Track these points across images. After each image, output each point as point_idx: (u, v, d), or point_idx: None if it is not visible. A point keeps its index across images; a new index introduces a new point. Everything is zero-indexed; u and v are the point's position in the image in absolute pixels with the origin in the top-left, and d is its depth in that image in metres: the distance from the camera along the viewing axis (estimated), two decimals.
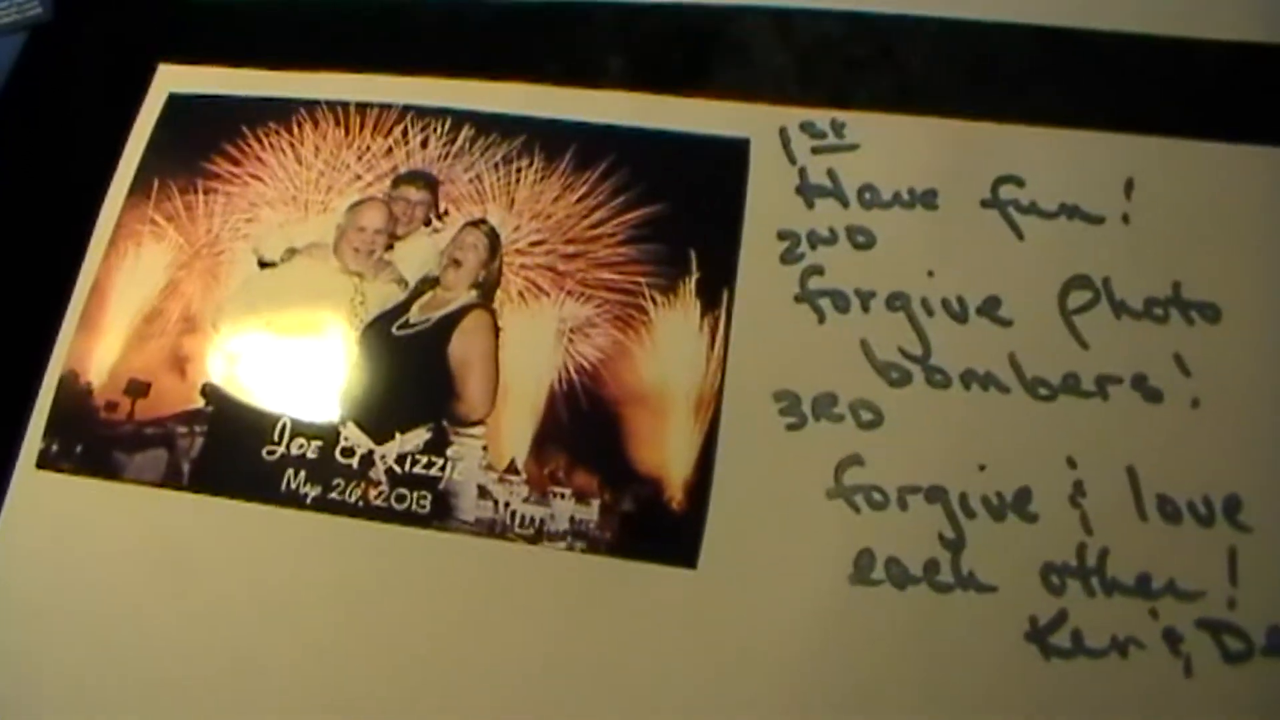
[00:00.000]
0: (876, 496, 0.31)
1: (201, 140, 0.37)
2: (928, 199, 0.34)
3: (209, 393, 0.34)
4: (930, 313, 0.33)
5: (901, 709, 0.30)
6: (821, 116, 0.35)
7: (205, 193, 0.37)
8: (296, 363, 0.34)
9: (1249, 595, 0.31)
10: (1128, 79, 0.36)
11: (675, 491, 0.31)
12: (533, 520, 0.31)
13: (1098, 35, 0.36)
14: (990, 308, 0.33)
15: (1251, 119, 0.36)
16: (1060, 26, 0.36)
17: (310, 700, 0.31)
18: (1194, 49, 0.36)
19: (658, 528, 0.31)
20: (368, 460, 0.32)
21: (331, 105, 0.37)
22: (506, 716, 0.30)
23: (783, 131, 0.35)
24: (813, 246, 0.34)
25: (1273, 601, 0.31)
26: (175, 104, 0.38)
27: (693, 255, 0.34)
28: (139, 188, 0.37)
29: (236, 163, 0.37)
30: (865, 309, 0.33)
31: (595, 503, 0.31)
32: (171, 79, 0.39)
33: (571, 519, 0.31)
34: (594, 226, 0.34)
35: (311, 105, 0.37)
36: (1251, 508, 0.31)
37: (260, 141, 0.37)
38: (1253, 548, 0.31)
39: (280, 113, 0.37)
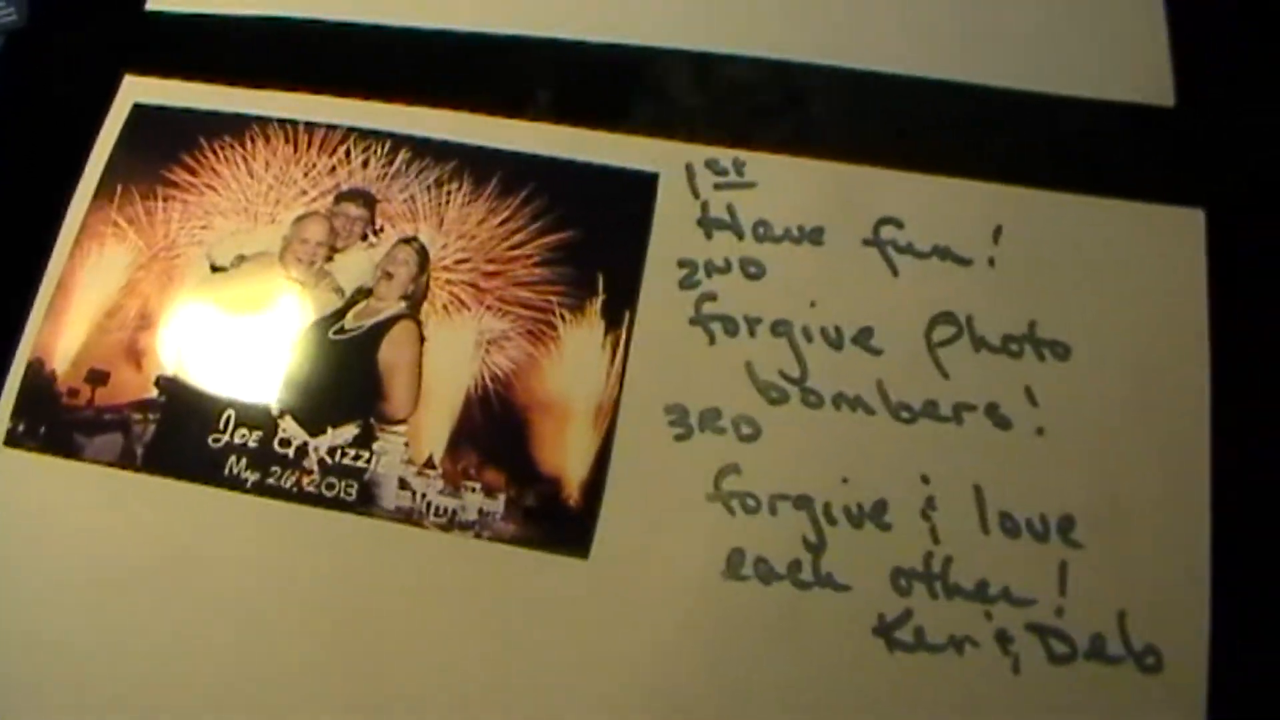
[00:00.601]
0: (750, 502, 0.35)
1: (162, 149, 0.41)
2: (815, 235, 0.38)
3: (162, 384, 0.37)
4: (809, 339, 0.37)
5: (764, 690, 0.34)
6: (725, 155, 0.39)
7: (164, 199, 0.40)
8: (241, 360, 0.38)
9: (1075, 605, 0.35)
10: (1001, 132, 0.40)
11: (573, 490, 0.35)
12: (446, 510, 0.35)
13: (977, 89, 0.40)
14: (864, 338, 0.37)
15: (1110, 174, 0.39)
16: (945, 80, 0.40)
17: (243, 665, 0.35)
18: (1061, 106, 0.40)
19: (556, 522, 0.35)
20: (302, 451, 0.36)
21: (283, 123, 0.40)
22: (416, 684, 0.34)
23: (689, 167, 0.39)
24: (708, 274, 0.38)
25: (1096, 612, 0.35)
26: (139, 113, 0.42)
27: (600, 278, 0.38)
28: (103, 191, 0.40)
29: (194, 172, 0.40)
30: (752, 333, 0.37)
31: (502, 497, 0.35)
32: (137, 89, 0.42)
33: (480, 511, 0.35)
34: (513, 248, 0.38)
35: (264, 121, 0.41)
36: (1083, 527, 0.36)
37: (216, 154, 0.40)
38: (1082, 563, 0.36)
39: (236, 127, 0.40)
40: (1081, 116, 0.40)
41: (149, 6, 0.44)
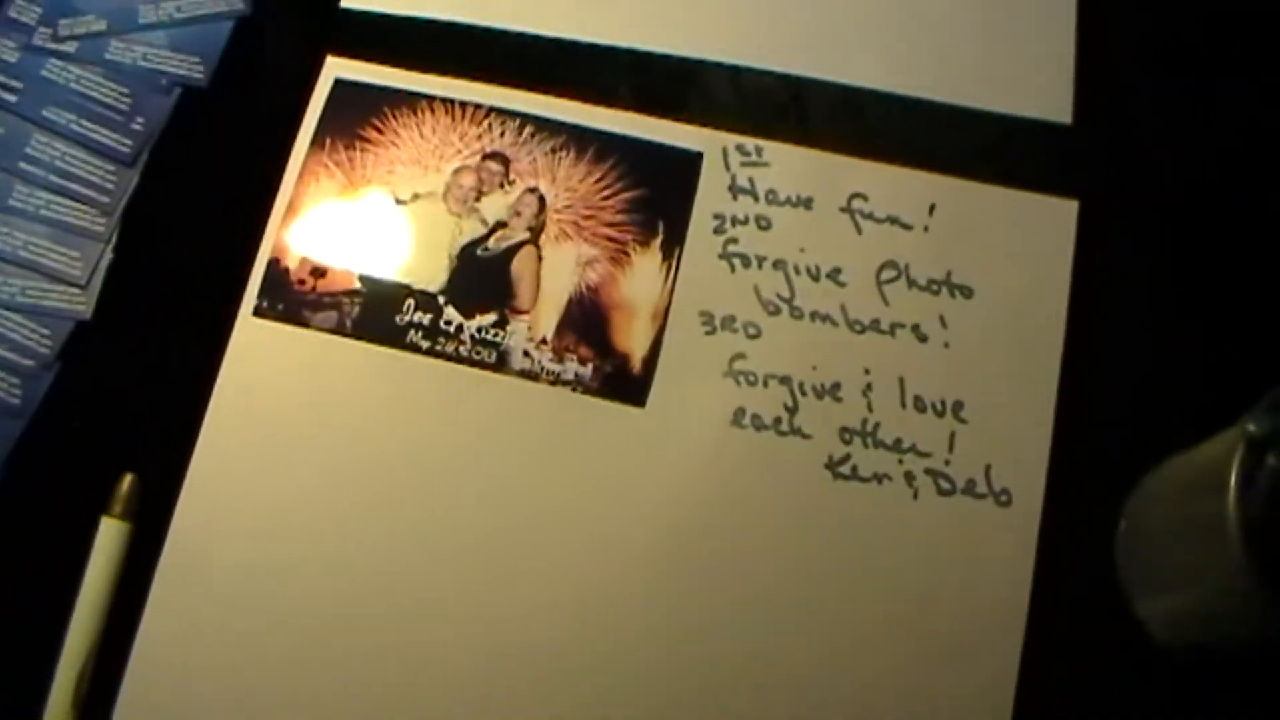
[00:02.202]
0: (751, 378, 0.54)
1: (357, 113, 0.59)
2: (807, 203, 0.57)
3: (363, 278, 0.56)
4: (798, 273, 0.56)
5: (752, 499, 0.53)
6: (749, 142, 0.58)
7: (360, 150, 0.58)
8: (419, 266, 0.57)
9: (958, 459, 0.53)
10: (939, 135, 0.58)
11: (636, 363, 0.55)
12: (553, 372, 0.55)
13: (924, 102, 0.58)
14: (834, 274, 0.56)
15: (1014, 171, 0.57)
16: (901, 94, 0.58)
17: (411, 471, 0.55)
18: (985, 117, 0.58)
19: (624, 383, 0.54)
20: (459, 329, 0.55)
21: (445, 100, 0.59)
22: (529, 488, 0.54)
23: (724, 150, 0.58)
24: (733, 225, 0.56)
25: (971, 464, 0.53)
26: (339, 86, 0.60)
27: (660, 223, 0.57)
28: (316, 141, 0.59)
29: (380, 132, 0.59)
30: (759, 267, 0.56)
31: (590, 365, 0.55)
32: (336, 68, 0.60)
33: (575, 374, 0.55)
34: (603, 199, 0.57)
35: (431, 99, 0.59)
36: (968, 410, 0.54)
37: (396, 119, 0.59)
38: (965, 432, 0.53)
39: (411, 101, 0.59)
40: (999, 126, 0.58)
41: (343, 4, 0.62)
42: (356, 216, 0.58)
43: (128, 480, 0.54)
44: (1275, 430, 0.42)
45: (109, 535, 0.54)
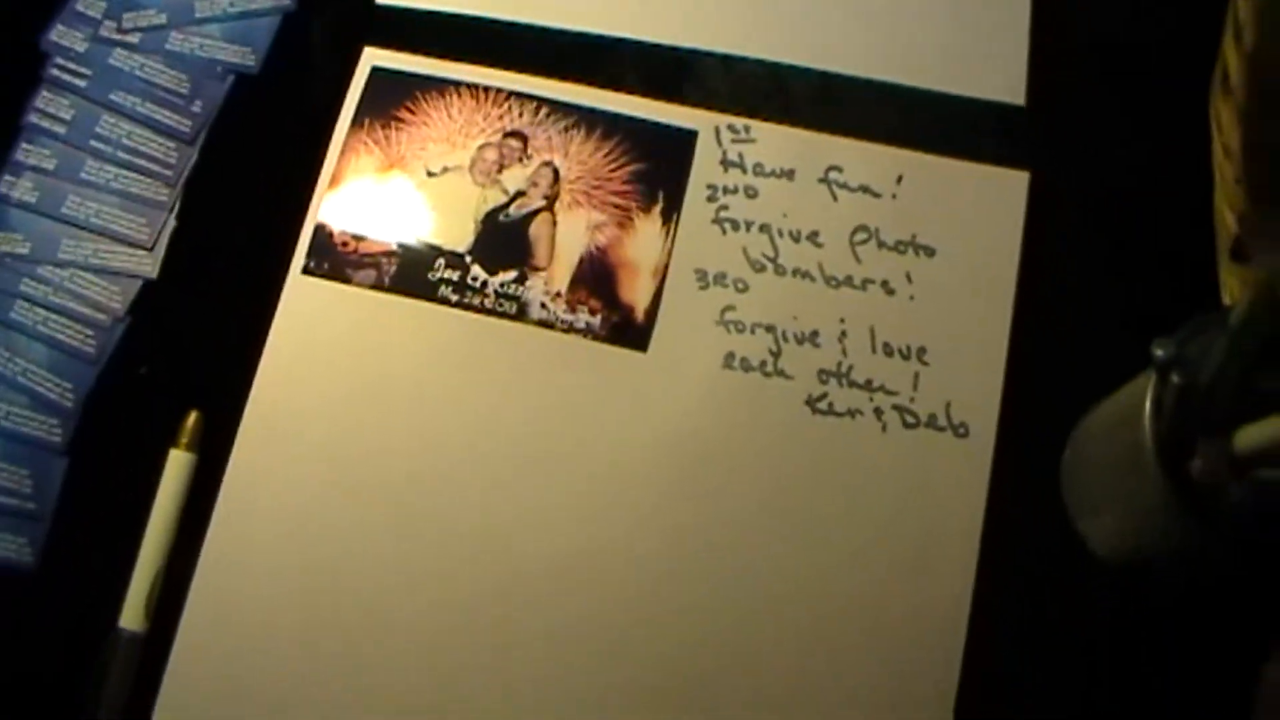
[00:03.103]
0: (740, 326, 0.63)
1: (392, 97, 0.68)
2: (789, 174, 0.65)
3: (398, 242, 0.65)
4: (781, 236, 0.65)
5: (744, 431, 0.61)
6: (739, 121, 0.66)
7: (395, 129, 0.67)
8: (448, 230, 0.65)
9: (922, 397, 0.61)
10: (907, 114, 0.66)
11: (640, 314, 0.63)
12: (567, 322, 0.63)
13: (892, 85, 0.67)
14: (813, 236, 0.65)
15: (973, 146, 0.65)
16: (873, 78, 0.67)
17: (441, 407, 0.64)
18: (946, 99, 0.66)
19: (629, 331, 0.63)
20: (485, 284, 0.64)
21: (470, 85, 0.68)
22: (547, 418, 0.63)
23: (716, 129, 0.66)
24: (724, 194, 0.65)
25: (933, 401, 0.61)
26: (376, 73, 0.68)
27: (660, 193, 0.65)
28: (356, 122, 0.67)
29: (413, 113, 0.68)
30: (747, 230, 0.64)
31: (599, 315, 0.63)
32: (373, 57, 0.69)
33: (586, 323, 0.63)
34: (611, 171, 0.66)
35: (458, 84, 0.68)
36: (930, 354, 0.62)
37: (427, 102, 0.68)
38: (928, 373, 0.62)
39: (440, 86, 0.68)
40: (960, 107, 0.66)
41: (379, 0, 0.72)
42: (392, 187, 0.67)
43: (193, 416, 0.63)
44: (1178, 353, 0.51)
45: (176, 464, 0.63)
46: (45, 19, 0.72)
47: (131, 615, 0.61)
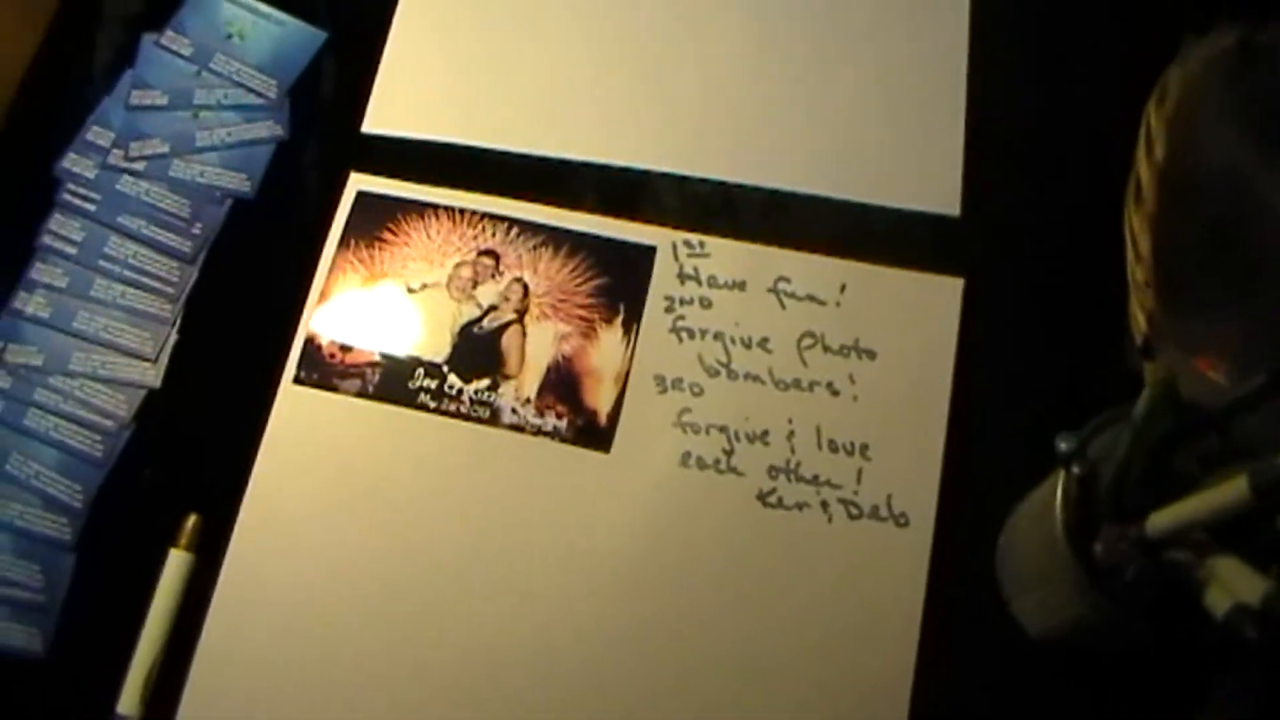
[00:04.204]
0: (695, 427, 0.69)
1: (376, 219, 0.76)
2: (741, 285, 0.72)
3: (382, 353, 0.72)
4: (734, 343, 0.71)
5: (698, 525, 0.68)
6: (694, 238, 0.74)
7: (378, 249, 0.75)
8: (427, 341, 0.72)
9: (865, 490, 0.68)
10: (849, 228, 0.74)
11: (603, 417, 0.70)
12: (536, 425, 0.70)
13: (836, 201, 0.74)
14: (763, 343, 0.71)
15: (911, 255, 0.72)
16: (818, 194, 0.75)
17: (425, 505, 0.70)
18: (887, 212, 0.74)
19: (593, 434, 0.70)
20: (460, 392, 0.71)
21: (447, 208, 0.75)
22: (516, 515, 0.70)
23: (674, 245, 0.74)
24: (681, 305, 0.72)
25: (875, 493, 0.67)
26: (361, 197, 0.76)
27: (622, 305, 0.73)
28: (343, 242, 0.75)
29: (395, 234, 0.76)
30: (702, 338, 0.71)
31: (566, 419, 0.70)
32: (358, 182, 0.77)
33: (554, 426, 0.70)
34: (576, 285, 0.73)
35: (436, 207, 0.76)
36: (874, 450, 0.69)
37: (408, 223, 0.76)
38: (870, 468, 0.68)
39: (419, 208, 0.76)
40: (899, 219, 0.74)
41: (364, 129, 0.79)
42: (376, 302, 0.75)
43: (192, 519, 0.70)
44: (1078, 447, 0.58)
45: (175, 563, 0.70)
46: (59, 147, 0.80)
47: (129, 702, 0.67)
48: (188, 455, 0.74)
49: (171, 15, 0.83)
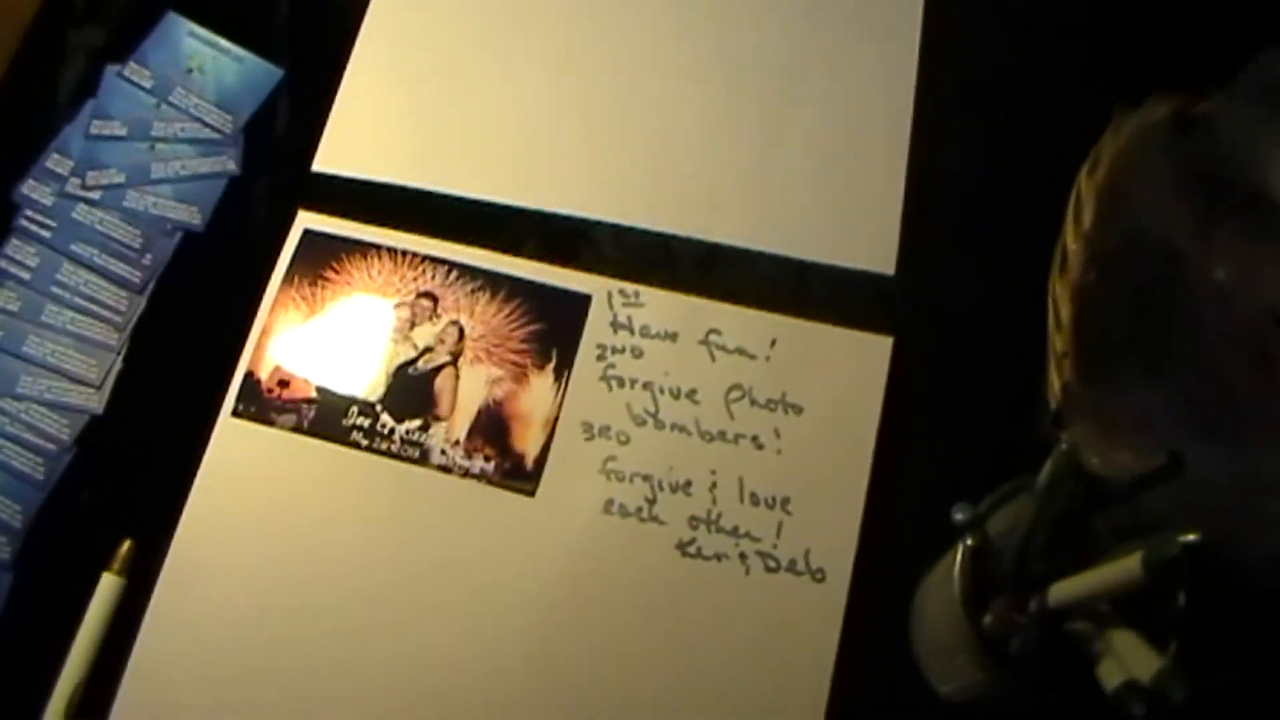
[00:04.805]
0: (620, 475, 0.72)
1: (321, 257, 0.78)
2: (672, 336, 0.75)
3: (318, 389, 0.75)
4: (662, 393, 0.74)
5: (619, 571, 0.70)
6: (629, 287, 0.76)
7: (321, 286, 0.78)
8: (361, 379, 0.75)
9: (784, 543, 0.70)
10: (781, 282, 0.76)
11: (530, 461, 0.73)
12: (464, 467, 0.73)
13: (768, 255, 0.77)
14: (691, 394, 0.74)
15: (843, 311, 0.75)
16: (749, 248, 0.77)
17: (352, 539, 0.73)
18: (820, 268, 0.76)
19: (521, 476, 0.72)
20: (392, 431, 0.74)
21: (390, 249, 0.78)
22: (441, 553, 0.73)
23: (609, 293, 0.76)
24: (612, 353, 0.75)
25: (794, 547, 0.70)
26: (307, 235, 0.79)
27: (554, 351, 0.75)
28: (288, 278, 0.78)
29: (338, 272, 0.78)
30: (632, 387, 0.74)
31: (494, 462, 0.73)
32: (305, 220, 0.80)
33: (481, 468, 0.73)
34: (511, 330, 0.76)
35: (378, 247, 0.78)
36: (795, 505, 0.71)
37: (351, 263, 0.78)
38: (790, 522, 0.70)
39: (362, 249, 0.78)
40: (834, 276, 0.76)
41: (315, 168, 0.82)
42: (315, 339, 0.78)
43: (126, 545, 0.73)
44: (972, 519, 0.60)
45: (107, 586, 0.72)
46: (20, 173, 0.83)
47: (53, 717, 0.70)
48: (126, 481, 0.77)
49: (135, 47, 0.86)
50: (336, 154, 0.83)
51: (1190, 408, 0.70)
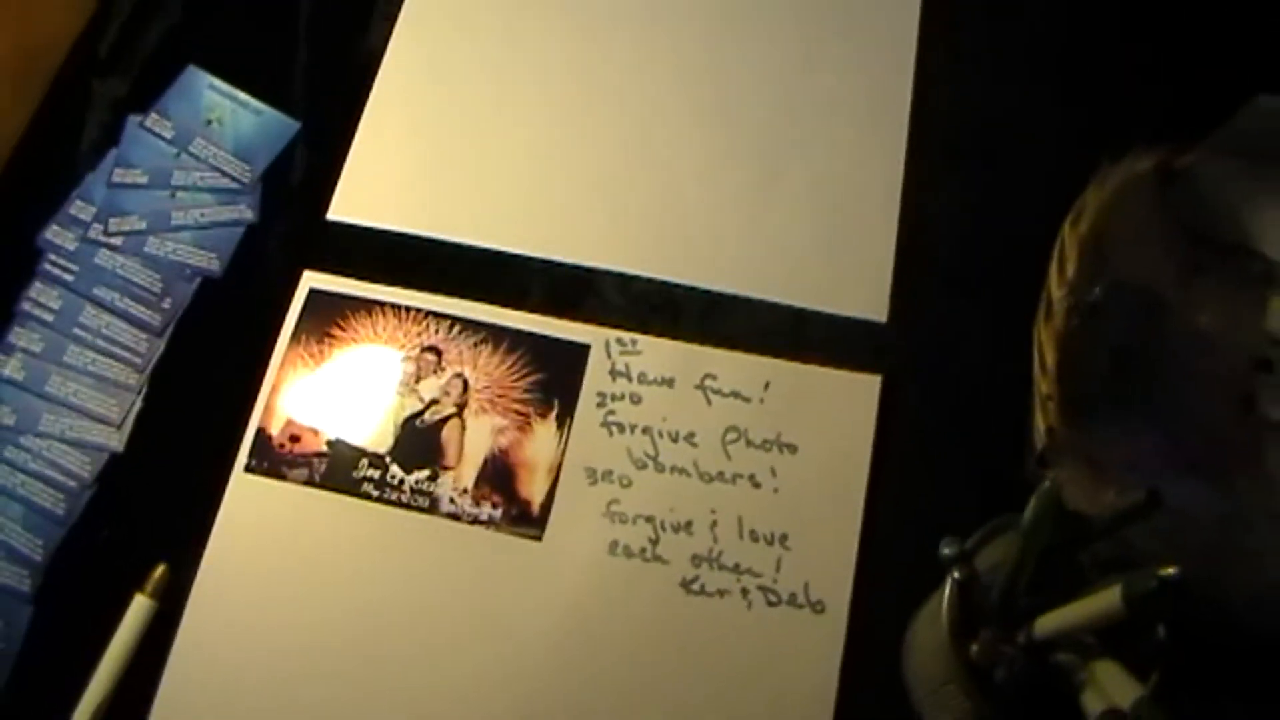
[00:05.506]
0: (623, 517, 0.75)
1: (326, 315, 0.82)
2: (670, 381, 0.79)
3: (329, 444, 0.79)
4: (661, 436, 0.78)
5: (625, 607, 0.74)
6: (626, 336, 0.80)
7: (328, 344, 0.81)
8: (371, 433, 0.79)
9: (783, 577, 0.74)
10: (775, 329, 0.80)
11: (536, 506, 0.76)
12: (472, 514, 0.76)
13: (764, 302, 0.81)
14: (690, 437, 0.78)
15: (835, 354, 0.79)
16: (747, 296, 0.81)
17: (362, 588, 0.77)
18: (815, 315, 0.80)
19: (527, 521, 0.76)
20: (402, 481, 0.77)
21: (394, 305, 0.82)
22: (453, 598, 0.77)
23: (607, 343, 0.80)
24: (612, 400, 0.78)
25: (794, 581, 0.73)
26: (313, 294, 0.83)
27: (556, 400, 0.79)
28: (295, 336, 0.81)
29: (344, 329, 0.82)
30: (631, 432, 0.78)
31: (500, 509, 0.76)
32: (311, 280, 0.84)
33: (489, 515, 0.76)
34: (514, 381, 0.80)
35: (382, 304, 0.82)
36: (793, 540, 0.75)
37: (356, 320, 0.82)
38: (789, 557, 0.74)
39: (367, 306, 0.82)
40: (827, 322, 0.80)
41: (329, 216, 0.86)
42: (324, 395, 0.81)
43: (161, 569, 0.76)
44: (959, 554, 0.64)
45: (139, 608, 0.75)
46: (44, 219, 0.88)
47: None
48: (145, 518, 0.80)
49: (156, 99, 0.91)
50: (350, 203, 0.87)
51: (1174, 448, 0.74)
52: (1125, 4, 0.89)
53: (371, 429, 0.81)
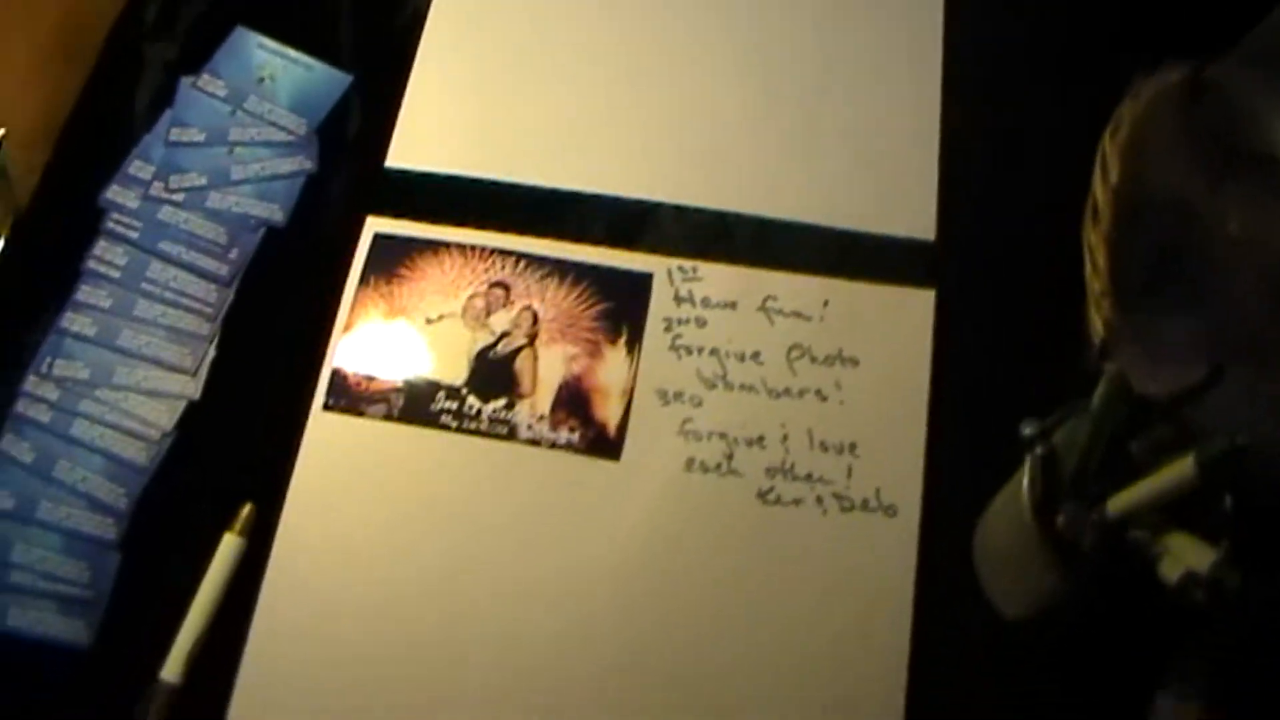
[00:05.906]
0: (697, 435, 0.78)
1: (393, 258, 0.85)
2: (732, 305, 0.82)
3: (404, 381, 0.82)
4: (728, 357, 0.81)
5: (703, 523, 0.77)
6: (688, 263, 0.83)
7: (397, 284, 0.84)
8: (445, 367, 0.82)
9: (855, 484, 0.77)
10: (831, 250, 0.83)
11: (612, 429, 0.79)
12: (551, 439, 0.79)
13: (818, 227, 0.84)
14: (755, 356, 0.81)
15: (887, 271, 0.82)
16: (801, 221, 0.84)
17: (447, 512, 0.79)
18: (865, 237, 0.83)
19: (604, 444, 0.79)
20: (479, 412, 0.80)
21: (459, 245, 0.85)
22: (534, 516, 0.79)
23: (669, 271, 0.83)
24: (678, 325, 0.81)
25: (865, 487, 0.76)
26: (378, 239, 0.86)
27: (625, 326, 0.82)
28: (364, 279, 0.84)
29: (411, 270, 0.85)
30: (699, 354, 0.80)
31: (578, 432, 0.79)
32: (375, 225, 0.87)
33: (568, 439, 0.79)
34: (582, 311, 0.83)
35: (448, 244, 0.85)
36: (861, 448, 0.78)
37: (423, 260, 0.85)
38: (859, 465, 0.77)
39: (434, 247, 0.85)
40: (878, 243, 0.83)
41: (387, 164, 0.89)
42: (397, 333, 0.84)
43: (248, 507, 0.79)
44: (1039, 431, 0.67)
45: (228, 546, 0.78)
46: (104, 180, 0.90)
47: (172, 668, 0.75)
48: (227, 463, 0.82)
49: (206, 61, 0.94)
50: (407, 150, 0.90)
51: (1220, 336, 0.78)
52: None
53: (446, 363, 0.83)
